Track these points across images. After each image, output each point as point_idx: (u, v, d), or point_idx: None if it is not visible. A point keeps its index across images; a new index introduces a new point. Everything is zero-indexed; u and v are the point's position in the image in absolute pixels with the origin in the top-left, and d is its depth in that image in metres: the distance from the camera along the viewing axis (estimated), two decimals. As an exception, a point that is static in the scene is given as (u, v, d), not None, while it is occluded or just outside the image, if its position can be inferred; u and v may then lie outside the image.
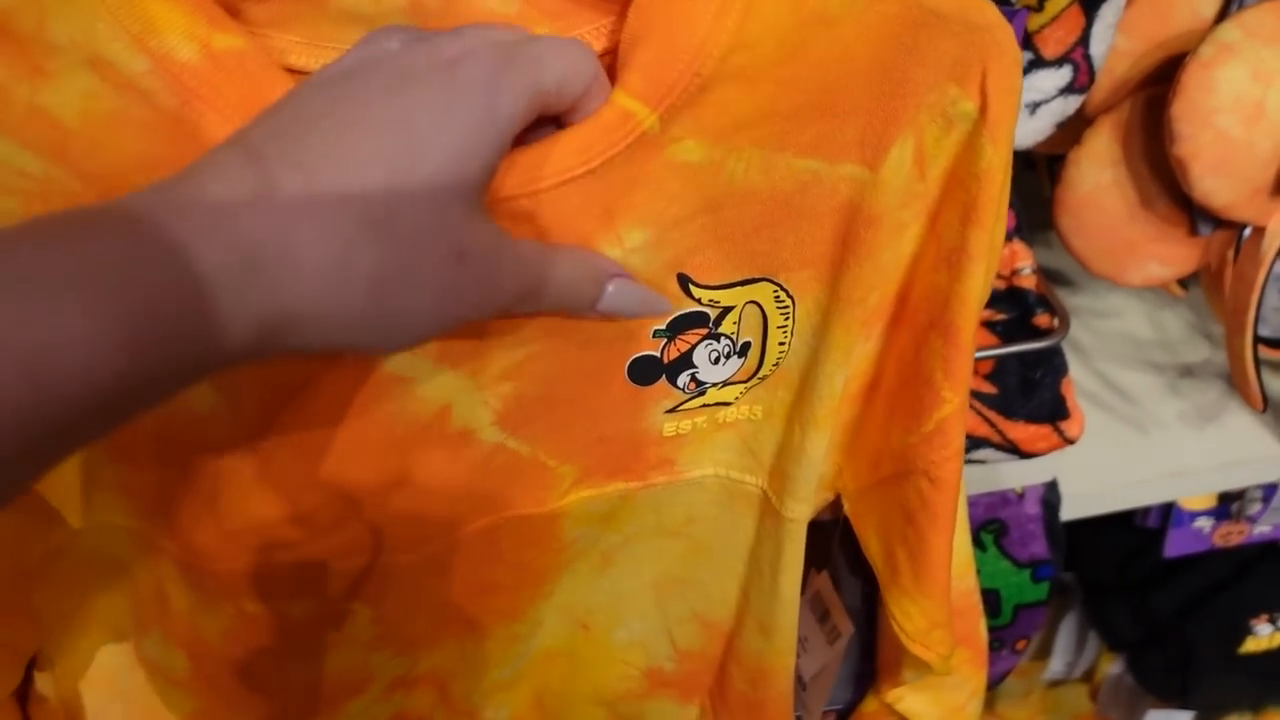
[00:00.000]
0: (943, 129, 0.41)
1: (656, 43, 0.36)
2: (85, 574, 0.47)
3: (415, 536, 0.45)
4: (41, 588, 0.47)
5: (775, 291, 0.43)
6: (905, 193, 0.42)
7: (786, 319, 0.44)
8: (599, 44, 0.38)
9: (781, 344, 0.45)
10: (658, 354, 0.43)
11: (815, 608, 0.61)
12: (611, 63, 0.38)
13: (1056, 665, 1.12)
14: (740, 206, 0.40)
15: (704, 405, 0.46)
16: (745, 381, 0.46)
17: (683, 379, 0.44)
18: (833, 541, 0.60)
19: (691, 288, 0.42)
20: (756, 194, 0.40)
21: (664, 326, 0.42)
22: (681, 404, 0.45)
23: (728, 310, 0.43)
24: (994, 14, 0.40)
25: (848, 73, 0.39)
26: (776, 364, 0.46)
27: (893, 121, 0.40)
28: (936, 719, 0.57)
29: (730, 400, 0.46)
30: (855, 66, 0.39)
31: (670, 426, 0.46)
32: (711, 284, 0.42)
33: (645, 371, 0.44)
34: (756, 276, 0.43)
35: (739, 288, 0.43)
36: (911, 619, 0.51)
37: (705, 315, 0.43)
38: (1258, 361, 0.69)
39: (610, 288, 0.39)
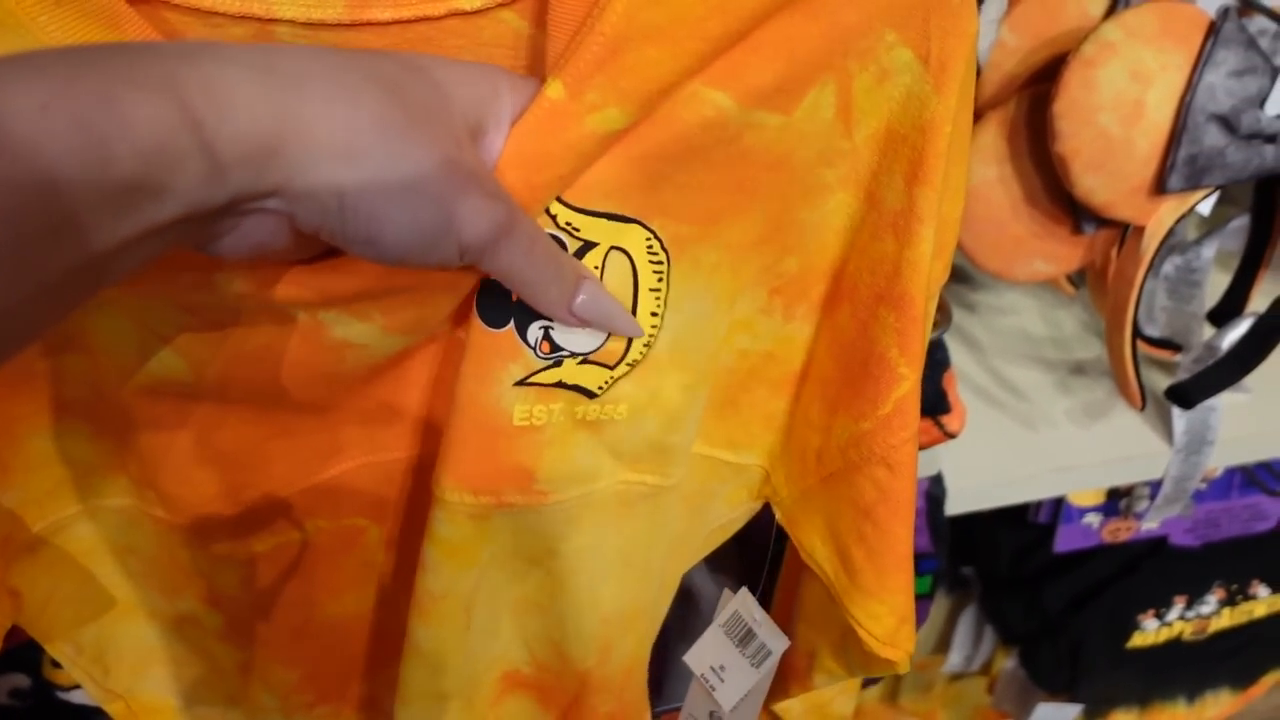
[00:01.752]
0: (875, 79, 0.38)
1: (547, 4, 0.35)
2: (80, 562, 0.47)
3: (384, 445, 0.45)
4: (28, 572, 0.46)
5: (648, 240, 0.39)
6: (825, 146, 0.39)
7: (660, 281, 0.40)
8: None
9: (655, 315, 0.40)
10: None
11: (733, 631, 0.56)
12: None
13: (955, 659, 1.13)
14: (638, 126, 0.37)
15: (561, 385, 0.41)
16: (611, 367, 0.41)
17: (533, 332, 0.40)
18: (750, 554, 0.57)
19: (552, 201, 0.37)
20: (656, 120, 0.37)
21: None
22: (533, 374, 0.40)
23: (590, 247, 0.38)
24: None
25: (773, 13, 0.36)
26: (648, 345, 0.41)
27: (815, 65, 0.37)
28: (801, 714, 0.56)
29: (594, 390, 0.42)
30: (781, 8, 0.36)
31: (521, 411, 0.41)
32: (575, 204, 0.38)
33: (493, 306, 0.39)
34: (628, 215, 0.38)
35: (605, 220, 0.38)
36: (880, 620, 0.47)
37: (560, 241, 0.38)
38: (1136, 359, 0.70)
39: (583, 293, 0.37)
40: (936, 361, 0.65)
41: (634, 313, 0.40)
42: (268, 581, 0.47)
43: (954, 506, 0.75)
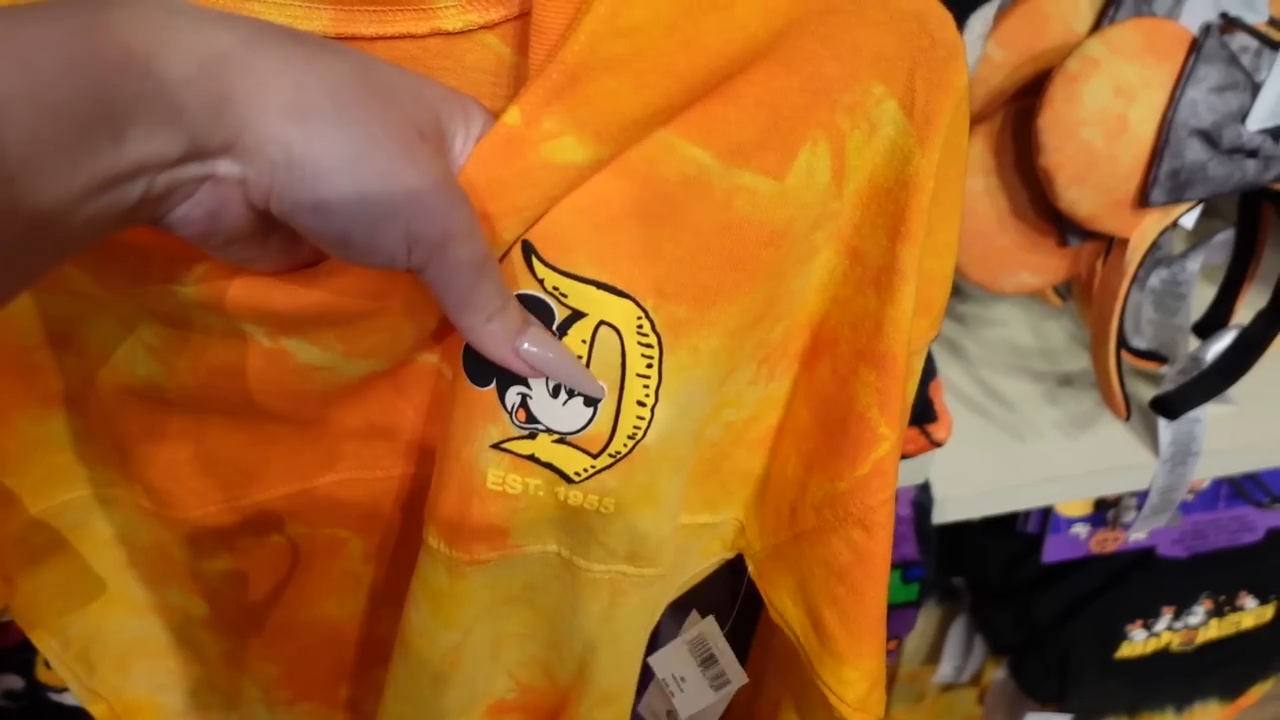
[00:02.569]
0: (865, 135, 0.37)
1: (532, 34, 0.34)
2: (71, 550, 0.47)
3: (364, 461, 0.45)
4: (20, 557, 0.46)
5: (639, 319, 0.37)
6: (820, 210, 0.38)
7: (650, 368, 0.37)
8: (498, 12, 0.35)
9: (642, 404, 0.38)
10: None
11: (697, 650, 0.56)
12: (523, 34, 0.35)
13: (946, 669, 1.13)
14: (609, 182, 0.35)
15: (534, 459, 0.39)
16: (594, 455, 0.39)
17: (511, 396, 0.38)
18: (733, 589, 0.55)
19: (535, 261, 0.36)
20: (632, 173, 0.35)
21: None
22: (508, 440, 0.38)
23: (578, 317, 0.37)
24: None
25: (750, 63, 0.35)
26: (633, 438, 0.38)
27: (801, 121, 0.36)
28: None
29: (571, 475, 0.39)
30: (758, 56, 0.35)
31: (495, 475, 0.39)
32: (560, 266, 0.36)
33: (478, 362, 0.38)
34: (617, 287, 0.36)
35: (593, 288, 0.36)
36: (851, 685, 0.45)
37: (547, 307, 0.37)
38: (1121, 370, 0.70)
39: (530, 337, 0.36)
40: (924, 371, 0.66)
41: (619, 399, 0.38)
42: (250, 579, 0.47)
43: (941, 515, 0.76)
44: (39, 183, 0.25)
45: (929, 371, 0.66)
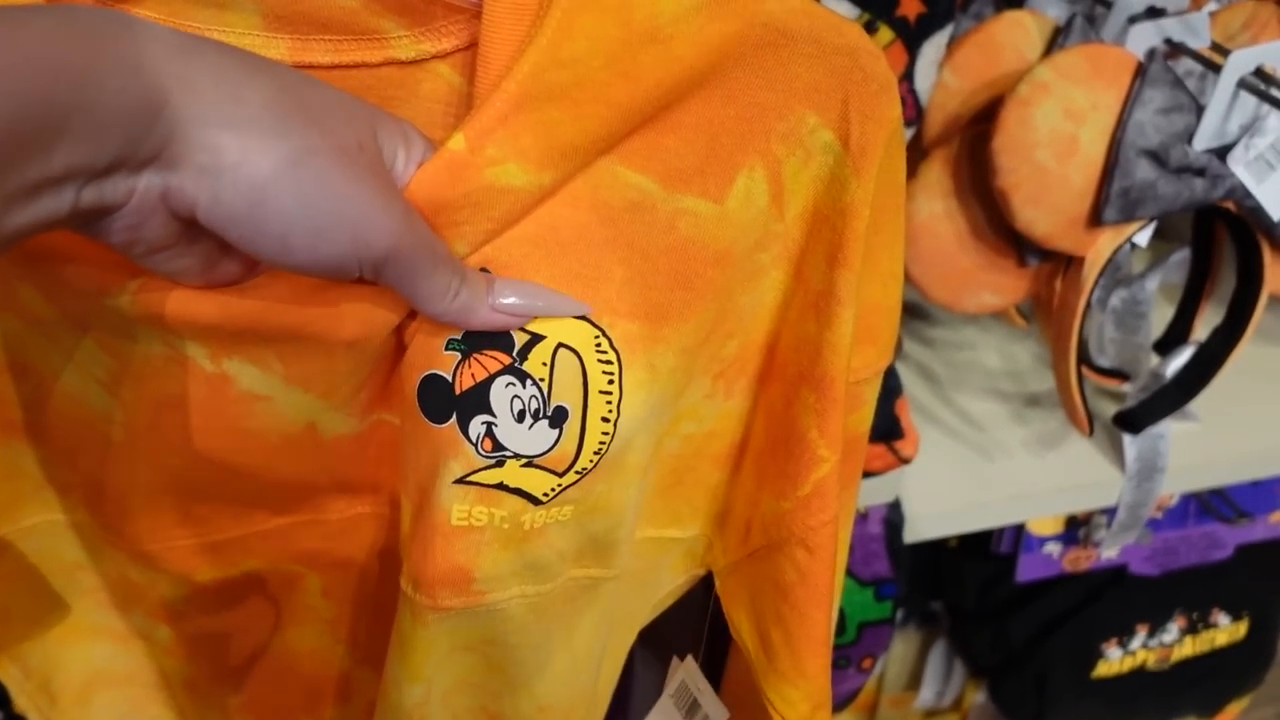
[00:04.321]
0: (801, 161, 0.38)
1: (479, 63, 0.35)
2: (35, 575, 0.47)
3: (317, 509, 0.45)
4: None
5: (597, 339, 0.38)
6: (761, 231, 0.39)
7: (611, 384, 0.38)
8: (450, 42, 0.36)
9: (606, 420, 0.38)
10: (449, 376, 0.38)
11: (680, 701, 0.55)
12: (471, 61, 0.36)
13: (927, 695, 1.14)
14: (559, 210, 0.37)
15: (502, 487, 0.39)
16: (559, 474, 0.39)
17: (475, 427, 0.38)
18: (700, 621, 0.55)
19: None
20: (579, 201, 0.37)
21: (459, 337, 0.37)
22: (473, 472, 0.38)
23: (536, 340, 0.37)
24: (855, 35, 0.37)
25: (687, 94, 0.36)
26: (599, 453, 0.39)
27: (738, 149, 0.37)
28: None
29: (539, 496, 0.39)
30: (695, 87, 0.36)
31: (460, 510, 0.38)
32: None
33: (435, 399, 0.38)
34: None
35: None
36: (794, 706, 0.46)
37: (506, 333, 0.37)
38: (1083, 386, 0.72)
39: (501, 288, 0.36)
40: (889, 389, 0.67)
41: (583, 417, 0.38)
42: (209, 609, 0.47)
43: (913, 534, 0.77)
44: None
45: (894, 389, 0.67)
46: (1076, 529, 0.93)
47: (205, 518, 0.44)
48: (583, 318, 0.38)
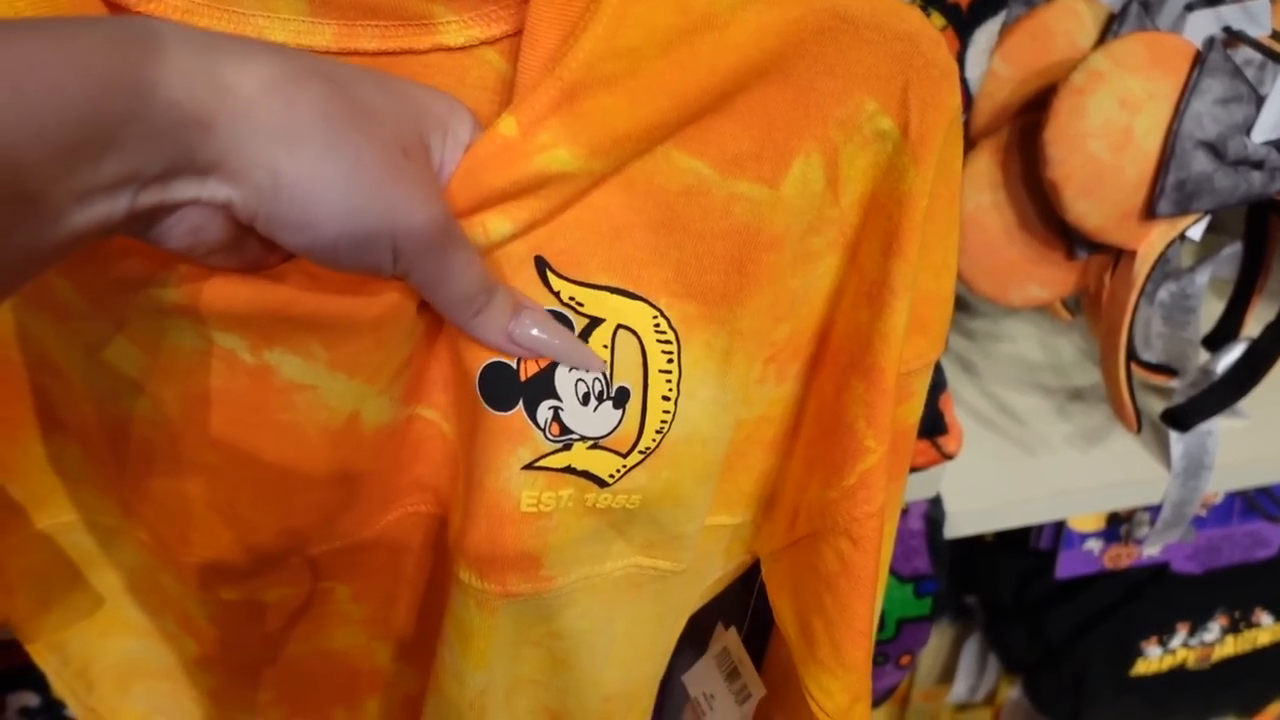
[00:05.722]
0: (859, 146, 0.38)
1: (523, 48, 0.35)
2: (73, 568, 0.47)
3: (356, 522, 0.44)
4: (24, 568, 0.47)
5: (655, 319, 0.38)
6: (816, 217, 0.39)
7: (670, 363, 0.39)
8: (499, 28, 0.36)
9: (666, 399, 0.39)
10: (513, 364, 0.38)
11: (723, 665, 0.57)
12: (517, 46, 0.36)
13: (960, 689, 1.13)
14: (613, 196, 0.37)
15: (570, 470, 0.39)
16: (624, 455, 0.39)
17: (543, 413, 0.38)
18: (746, 597, 0.56)
19: (549, 275, 0.37)
20: (633, 187, 0.37)
21: None
22: (542, 457, 0.39)
23: (596, 324, 0.38)
24: (918, 20, 0.37)
25: (745, 80, 0.36)
26: (660, 432, 0.39)
27: (795, 134, 0.37)
28: None
29: (605, 478, 0.40)
30: (753, 74, 0.36)
31: (529, 496, 0.39)
32: (574, 277, 0.38)
33: (499, 387, 0.38)
34: (631, 290, 0.38)
35: (608, 294, 0.38)
36: (832, 696, 0.46)
37: (565, 318, 0.38)
38: (1131, 382, 0.71)
39: (523, 319, 0.37)
40: (934, 383, 0.66)
41: (644, 397, 0.39)
42: (237, 623, 0.47)
43: (953, 530, 0.76)
44: (21, 199, 0.25)
45: (939, 384, 0.66)
46: (1118, 526, 0.91)
47: (240, 531, 0.43)
48: (641, 299, 0.38)
